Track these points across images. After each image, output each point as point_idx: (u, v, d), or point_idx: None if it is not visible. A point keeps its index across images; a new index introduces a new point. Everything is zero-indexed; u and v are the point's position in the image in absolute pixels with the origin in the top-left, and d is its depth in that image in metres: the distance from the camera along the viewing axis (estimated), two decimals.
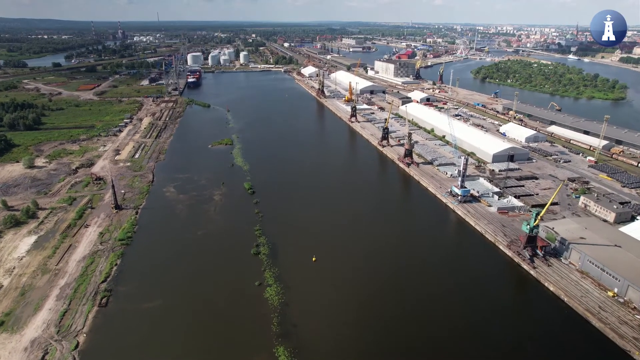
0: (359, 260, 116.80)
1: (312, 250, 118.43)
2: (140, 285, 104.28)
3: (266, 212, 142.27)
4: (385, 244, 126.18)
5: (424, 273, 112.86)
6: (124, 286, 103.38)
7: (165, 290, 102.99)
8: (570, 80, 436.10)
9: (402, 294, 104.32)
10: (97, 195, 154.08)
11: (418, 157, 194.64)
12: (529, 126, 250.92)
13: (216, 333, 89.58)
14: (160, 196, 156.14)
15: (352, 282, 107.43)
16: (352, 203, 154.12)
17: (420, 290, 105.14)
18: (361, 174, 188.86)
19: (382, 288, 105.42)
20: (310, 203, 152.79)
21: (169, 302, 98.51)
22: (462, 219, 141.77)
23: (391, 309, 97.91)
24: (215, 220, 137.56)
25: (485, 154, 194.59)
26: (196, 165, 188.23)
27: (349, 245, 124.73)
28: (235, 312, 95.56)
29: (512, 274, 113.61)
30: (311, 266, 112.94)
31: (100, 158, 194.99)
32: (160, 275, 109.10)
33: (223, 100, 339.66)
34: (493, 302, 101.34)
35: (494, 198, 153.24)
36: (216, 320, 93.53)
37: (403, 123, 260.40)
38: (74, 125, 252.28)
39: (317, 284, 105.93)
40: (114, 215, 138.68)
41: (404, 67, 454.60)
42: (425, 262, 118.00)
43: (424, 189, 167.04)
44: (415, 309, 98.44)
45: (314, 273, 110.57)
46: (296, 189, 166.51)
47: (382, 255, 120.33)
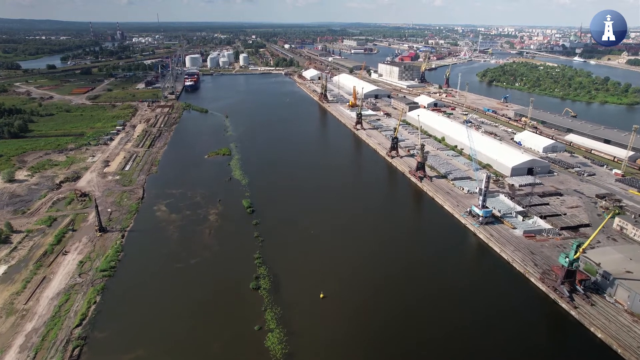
0: (372, 295, 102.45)
1: (319, 284, 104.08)
2: (121, 331, 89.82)
3: (267, 236, 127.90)
4: (401, 273, 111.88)
5: (446, 306, 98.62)
6: (101, 331, 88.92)
7: (149, 336, 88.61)
8: (581, 83, 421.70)
9: (422, 332, 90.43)
10: (81, 215, 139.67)
11: (430, 170, 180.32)
12: (544, 134, 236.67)
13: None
14: (150, 216, 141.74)
15: (366, 324, 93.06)
16: (362, 225, 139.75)
17: (443, 326, 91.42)
18: (370, 189, 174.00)
19: (400, 328, 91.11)
20: (315, 224, 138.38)
21: (153, 352, 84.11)
22: (484, 243, 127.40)
23: (411, 354, 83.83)
24: (210, 245, 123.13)
25: (502, 166, 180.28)
26: (190, 179, 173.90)
27: (360, 276, 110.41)
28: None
29: (548, 314, 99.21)
30: (319, 304, 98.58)
31: (88, 170, 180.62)
32: (144, 317, 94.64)
33: (221, 105, 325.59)
34: (529, 349, 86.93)
35: (517, 218, 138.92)
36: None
37: (412, 131, 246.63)
38: (63, 133, 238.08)
39: (327, 329, 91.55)
40: (97, 240, 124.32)
41: (409, 70, 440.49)
42: (446, 293, 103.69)
43: (439, 207, 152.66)
44: (438, 348, 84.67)
45: (322, 314, 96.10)
46: (299, 207, 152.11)
47: (397, 287, 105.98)
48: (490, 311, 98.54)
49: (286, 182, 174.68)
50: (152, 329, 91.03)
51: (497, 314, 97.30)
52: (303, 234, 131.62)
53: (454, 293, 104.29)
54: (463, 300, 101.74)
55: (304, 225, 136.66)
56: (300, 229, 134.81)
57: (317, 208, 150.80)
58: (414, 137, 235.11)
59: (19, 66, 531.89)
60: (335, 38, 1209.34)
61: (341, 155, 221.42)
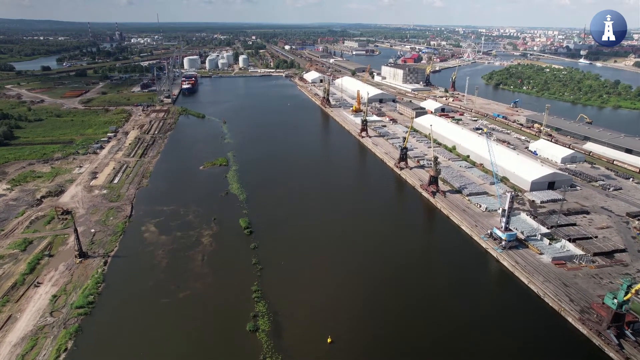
0: (386, 339, 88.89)
1: (327, 326, 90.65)
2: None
3: (266, 263, 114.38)
4: (419, 308, 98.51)
5: (470, 348, 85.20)
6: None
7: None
8: (590, 87, 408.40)
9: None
10: (60, 237, 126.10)
11: (443, 184, 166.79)
12: (560, 143, 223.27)
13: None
14: (138, 238, 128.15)
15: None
16: (372, 248, 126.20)
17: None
18: (379, 206, 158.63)
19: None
20: (319, 247, 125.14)
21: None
22: (508, 272, 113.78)
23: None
24: (203, 275, 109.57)
25: (521, 180, 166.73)
26: (184, 194, 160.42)
27: (374, 314, 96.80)
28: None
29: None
30: (327, 352, 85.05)
31: (73, 183, 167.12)
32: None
33: (219, 109, 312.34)
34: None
35: (543, 242, 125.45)
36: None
37: (420, 138, 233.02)
38: (51, 140, 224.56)
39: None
40: (75, 268, 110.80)
41: (413, 72, 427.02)
42: (469, 331, 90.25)
43: (455, 226, 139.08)
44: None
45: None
46: (301, 227, 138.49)
47: (416, 327, 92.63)
48: (524, 358, 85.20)
49: (287, 197, 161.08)
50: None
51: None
52: (306, 261, 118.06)
53: (477, 332, 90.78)
54: (488, 342, 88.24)
55: (306, 250, 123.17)
56: (303, 254, 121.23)
57: (320, 229, 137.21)
58: (423, 145, 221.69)
59: (12, 67, 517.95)
60: (336, 39, 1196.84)
61: (346, 166, 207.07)
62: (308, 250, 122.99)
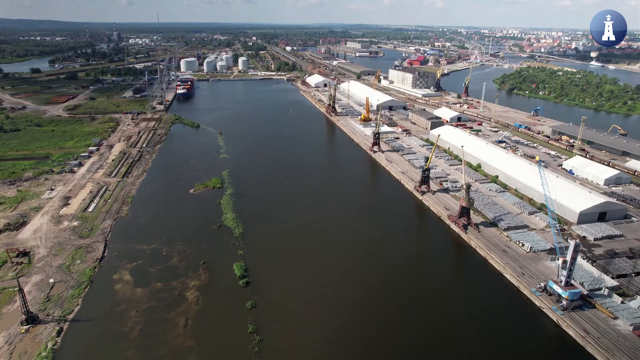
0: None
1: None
2: None
3: (265, 333, 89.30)
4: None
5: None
6: None
7: None
8: (612, 92, 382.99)
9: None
10: (8, 291, 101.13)
11: (474, 213, 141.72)
12: (596, 159, 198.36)
13: None
14: (107, 291, 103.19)
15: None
16: (396, 302, 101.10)
17: None
18: (401, 242, 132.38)
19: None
20: (331, 306, 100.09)
21: None
22: (576, 344, 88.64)
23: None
24: (184, 350, 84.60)
25: (565, 209, 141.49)
26: (169, 226, 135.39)
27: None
28: None
29: None
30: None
31: (40, 212, 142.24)
32: None
33: (216, 117, 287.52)
34: None
35: (613, 299, 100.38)
36: None
37: (438, 153, 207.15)
38: (24, 155, 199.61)
39: None
40: (18, 340, 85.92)
41: (424, 77, 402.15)
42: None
43: (497, 274, 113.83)
44: None
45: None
46: (309, 274, 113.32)
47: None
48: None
49: (290, 232, 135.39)
50: None
51: None
52: (314, 324, 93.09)
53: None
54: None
55: (312, 307, 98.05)
56: (311, 313, 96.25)
57: (331, 278, 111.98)
58: (444, 162, 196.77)
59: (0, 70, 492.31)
60: (338, 40, 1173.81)
61: (359, 188, 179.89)
62: (315, 310, 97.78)
